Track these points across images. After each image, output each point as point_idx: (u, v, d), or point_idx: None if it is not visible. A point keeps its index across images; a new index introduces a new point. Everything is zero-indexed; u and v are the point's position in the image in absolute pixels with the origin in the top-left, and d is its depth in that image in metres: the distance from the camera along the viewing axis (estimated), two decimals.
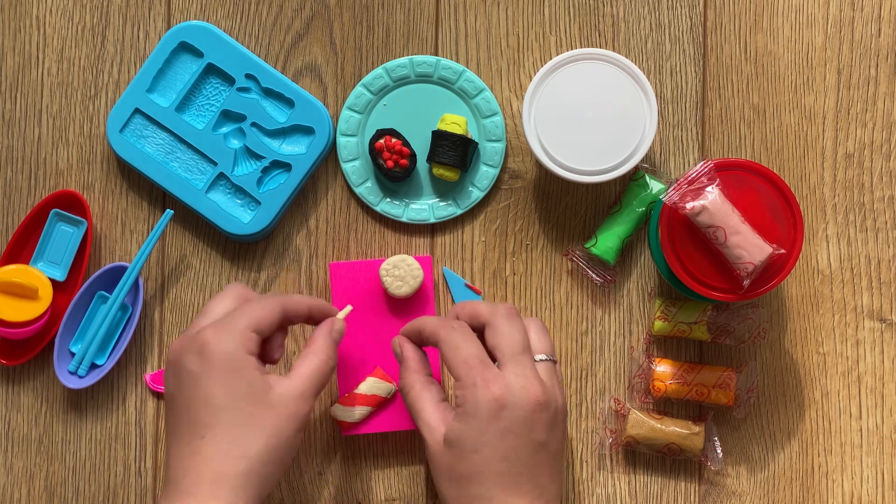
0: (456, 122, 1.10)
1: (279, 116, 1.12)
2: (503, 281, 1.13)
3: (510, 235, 1.13)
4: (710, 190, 1.02)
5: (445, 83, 1.13)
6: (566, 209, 1.13)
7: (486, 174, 1.12)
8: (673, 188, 1.03)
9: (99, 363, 1.12)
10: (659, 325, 1.10)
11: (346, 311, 1.04)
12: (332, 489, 1.13)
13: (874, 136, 1.13)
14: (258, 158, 1.12)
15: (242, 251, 1.14)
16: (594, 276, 1.12)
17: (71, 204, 1.12)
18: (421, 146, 1.12)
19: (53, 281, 1.11)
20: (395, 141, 1.10)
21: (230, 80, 1.12)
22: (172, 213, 1.11)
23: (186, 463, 0.94)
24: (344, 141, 1.13)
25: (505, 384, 0.95)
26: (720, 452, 1.10)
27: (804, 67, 1.13)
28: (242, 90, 1.12)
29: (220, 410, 0.93)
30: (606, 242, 1.10)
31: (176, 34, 1.12)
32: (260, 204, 1.11)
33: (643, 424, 1.09)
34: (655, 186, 1.10)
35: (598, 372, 1.12)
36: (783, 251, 1.02)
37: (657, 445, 1.09)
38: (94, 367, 1.12)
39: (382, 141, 1.10)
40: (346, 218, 1.14)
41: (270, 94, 1.12)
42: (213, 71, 1.12)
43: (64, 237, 1.12)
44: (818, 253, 1.12)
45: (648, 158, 1.12)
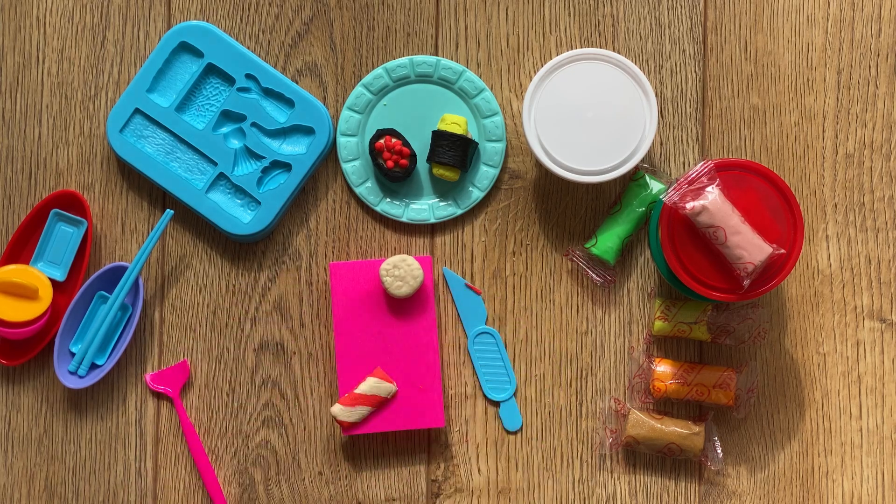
0: (456, 122, 1.10)
1: (279, 116, 1.12)
2: (503, 281, 1.13)
3: (510, 235, 1.13)
4: (710, 190, 1.02)
5: (445, 83, 1.13)
6: (566, 209, 1.13)
7: (486, 174, 1.12)
8: (673, 188, 1.03)
9: (99, 363, 1.12)
10: (659, 325, 1.10)
11: (387, 389, 1.09)
12: (332, 489, 1.13)
13: (874, 136, 1.13)
14: (258, 158, 1.12)
15: (242, 251, 1.14)
16: (594, 276, 1.12)
17: (71, 204, 1.12)
18: (421, 146, 1.12)
19: (53, 281, 1.11)
20: (395, 141, 1.10)
21: (230, 80, 1.12)
22: (172, 213, 1.11)
23: None
24: (344, 141, 1.13)
25: None
26: (720, 452, 1.10)
27: (804, 67, 1.13)
28: (242, 90, 1.12)
29: None
30: (606, 242, 1.10)
31: (176, 34, 1.12)
32: (260, 204, 1.11)
33: (643, 424, 1.09)
34: (655, 186, 1.10)
35: (598, 372, 1.12)
36: (783, 251, 1.02)
37: (657, 445, 1.09)
38: (94, 367, 1.12)
39: (382, 141, 1.10)
40: (346, 218, 1.14)
41: (270, 94, 1.12)
42: (213, 71, 1.12)
43: (64, 237, 1.12)
44: (818, 253, 1.12)
45: (648, 158, 1.12)
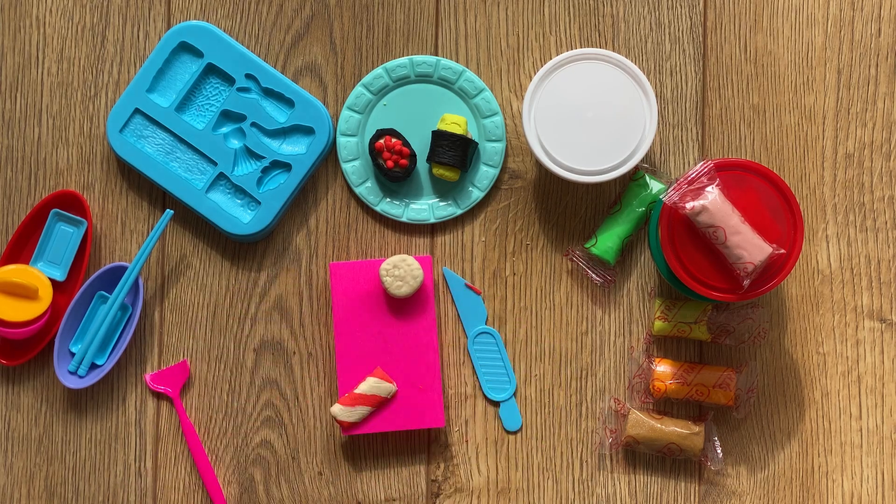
0: (456, 122, 1.10)
1: (279, 116, 1.12)
2: (503, 281, 1.13)
3: (510, 235, 1.13)
4: (710, 190, 1.02)
5: (445, 83, 1.13)
6: (566, 209, 1.13)
7: (486, 174, 1.12)
8: (673, 188, 1.03)
9: (99, 363, 1.12)
10: (659, 325, 1.10)
11: (387, 389, 1.09)
12: (332, 489, 1.13)
13: (874, 136, 1.13)
14: (258, 158, 1.12)
15: (242, 251, 1.14)
16: (594, 276, 1.12)
17: (71, 204, 1.12)
18: (421, 146, 1.12)
19: (53, 281, 1.11)
20: (395, 141, 1.10)
21: (230, 80, 1.12)
22: (172, 213, 1.11)
23: None
24: (344, 141, 1.13)
25: None
26: (720, 452, 1.10)
27: (804, 67, 1.13)
28: (242, 90, 1.12)
29: None
30: (606, 242, 1.10)
31: (176, 34, 1.12)
32: (260, 204, 1.11)
33: (643, 424, 1.09)
34: (655, 186, 1.10)
35: (598, 372, 1.12)
36: (783, 251, 1.02)
37: (657, 445, 1.09)
38: (94, 367, 1.12)
39: (382, 141, 1.10)
40: (346, 218, 1.14)
41: (270, 94, 1.12)
42: (213, 71, 1.12)
43: (64, 237, 1.12)
44: (818, 253, 1.12)
45: (648, 158, 1.12)
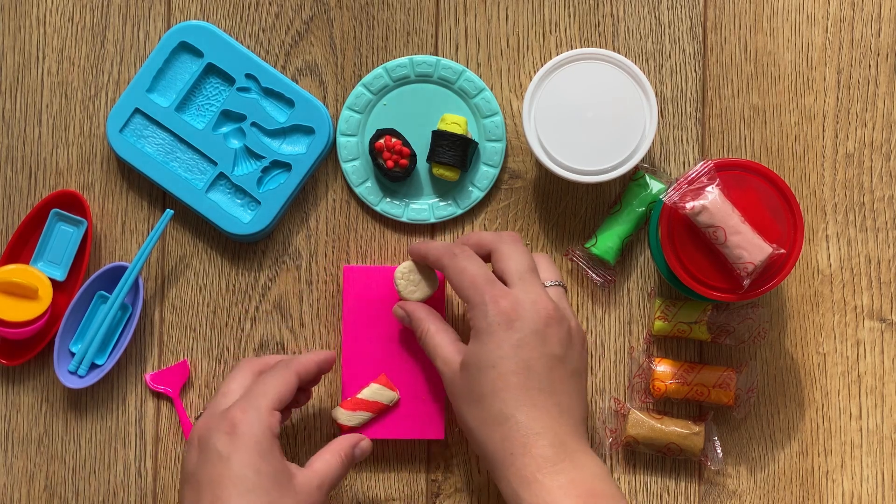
0: (456, 122, 1.10)
1: (279, 116, 1.12)
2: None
3: None
4: (710, 190, 1.02)
5: (445, 83, 1.13)
6: (566, 209, 1.13)
7: (486, 174, 1.12)
8: (673, 188, 1.03)
9: (99, 363, 1.12)
10: (659, 325, 1.10)
11: (389, 397, 1.09)
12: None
13: (874, 135, 1.13)
14: (258, 158, 1.12)
15: (242, 251, 1.14)
16: (594, 276, 1.12)
17: (71, 204, 1.12)
18: (421, 146, 1.12)
19: (53, 281, 1.11)
20: (395, 141, 1.10)
21: (230, 79, 1.12)
22: (172, 213, 1.11)
23: None
24: (344, 141, 1.13)
25: (514, 299, 0.97)
26: (720, 452, 1.10)
27: (804, 67, 1.13)
28: (242, 90, 1.12)
29: (248, 492, 0.94)
30: (606, 242, 1.10)
31: (176, 34, 1.12)
32: (260, 204, 1.11)
33: (643, 424, 1.09)
34: (655, 186, 1.10)
35: (598, 372, 1.12)
36: (783, 251, 1.02)
37: (657, 445, 1.09)
38: (94, 366, 1.12)
39: (382, 141, 1.10)
40: (346, 218, 1.14)
41: (270, 93, 1.12)
42: (213, 71, 1.12)
43: (64, 237, 1.12)
44: (818, 253, 1.12)
45: (648, 158, 1.12)
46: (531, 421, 0.95)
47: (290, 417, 1.07)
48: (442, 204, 1.13)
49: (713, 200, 1.01)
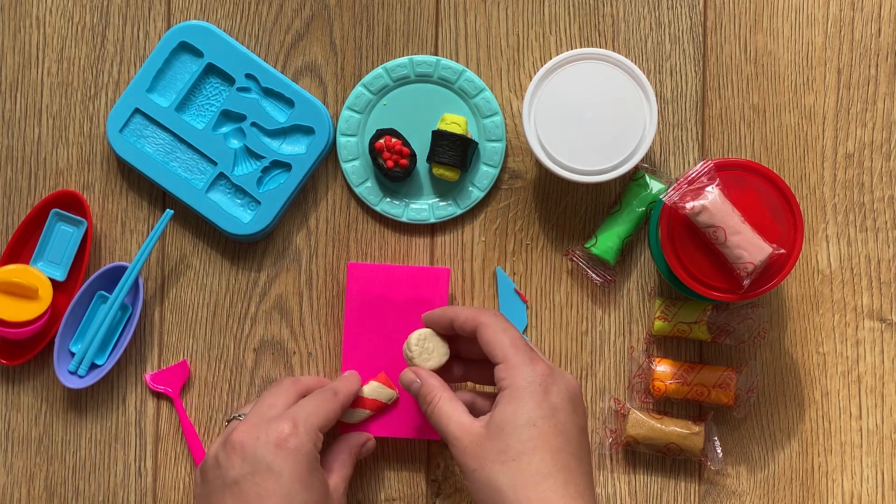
0: (456, 122, 1.10)
1: (279, 116, 1.12)
2: None
3: (510, 235, 1.13)
4: (710, 190, 1.02)
5: (445, 83, 1.13)
6: (566, 209, 1.13)
7: (486, 174, 1.12)
8: (673, 188, 1.03)
9: (99, 363, 1.12)
10: (659, 325, 1.10)
11: (388, 395, 1.10)
12: None
13: (874, 135, 1.13)
14: (258, 158, 1.12)
15: (242, 251, 1.14)
16: (594, 276, 1.12)
17: (71, 204, 1.12)
18: (421, 146, 1.12)
19: (53, 281, 1.11)
20: (395, 141, 1.10)
21: (230, 79, 1.12)
22: (172, 213, 1.11)
23: None
24: (344, 141, 1.13)
25: (548, 366, 0.98)
26: (720, 452, 1.10)
27: (804, 67, 1.13)
28: (242, 90, 1.12)
29: None
30: (606, 242, 1.10)
31: (176, 34, 1.12)
32: (260, 204, 1.11)
33: (643, 424, 1.09)
34: (655, 186, 1.10)
35: (598, 372, 1.12)
36: (783, 251, 1.02)
37: (657, 445, 1.09)
38: (94, 367, 1.12)
39: (382, 141, 1.10)
40: (346, 218, 1.14)
41: (270, 93, 1.12)
42: (213, 71, 1.12)
43: (64, 237, 1.12)
44: (818, 253, 1.12)
45: (648, 158, 1.12)
46: (567, 485, 0.94)
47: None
48: (442, 204, 1.13)
49: (713, 200, 1.01)
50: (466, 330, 1.01)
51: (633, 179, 1.11)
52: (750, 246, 1.01)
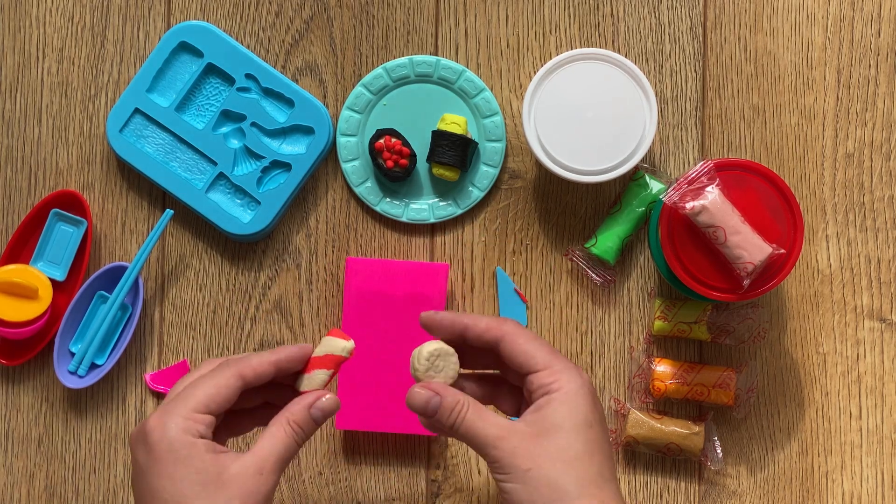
0: (456, 122, 1.10)
1: (279, 116, 1.12)
2: None
3: (510, 235, 1.13)
4: (710, 190, 1.02)
5: (445, 83, 1.13)
6: (566, 209, 1.13)
7: (486, 174, 1.12)
8: (673, 188, 1.03)
9: (99, 363, 1.12)
10: (659, 325, 1.10)
11: (341, 346, 0.94)
12: (331, 489, 1.13)
13: (874, 135, 1.13)
14: (258, 158, 1.12)
15: (242, 251, 1.14)
16: (594, 276, 1.12)
17: (71, 204, 1.12)
18: (421, 146, 1.12)
19: (53, 281, 1.11)
20: (395, 141, 1.10)
21: (230, 80, 1.12)
22: (172, 213, 1.11)
23: None
24: (344, 141, 1.13)
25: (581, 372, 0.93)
26: (720, 452, 1.10)
27: (804, 67, 1.13)
28: (242, 90, 1.12)
29: (168, 503, 0.87)
30: (606, 242, 1.10)
31: (176, 34, 1.12)
32: (260, 204, 1.11)
33: (643, 424, 1.09)
34: (655, 186, 1.10)
35: (598, 372, 1.12)
36: (783, 251, 1.02)
37: (657, 445, 1.09)
38: (94, 366, 1.12)
39: (382, 141, 1.10)
40: (346, 218, 1.14)
41: (270, 93, 1.12)
42: (213, 71, 1.12)
43: (64, 237, 1.12)
44: (818, 253, 1.12)
45: (648, 158, 1.12)
46: (616, 495, 0.91)
47: (250, 429, 0.96)
48: (442, 204, 1.13)
49: (713, 200, 1.01)
50: (485, 340, 0.92)
51: (633, 179, 1.11)
52: (750, 246, 1.01)
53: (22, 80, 1.14)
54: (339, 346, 0.93)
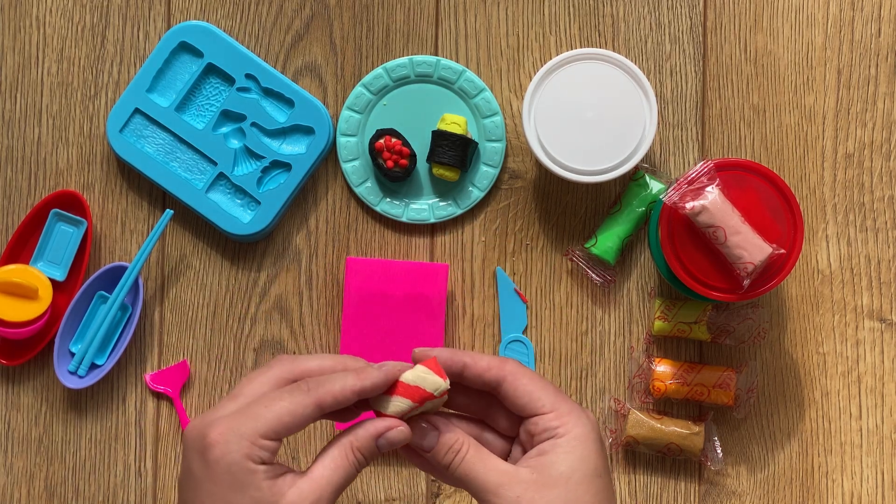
0: (456, 122, 1.10)
1: (279, 116, 1.12)
2: None
3: (510, 235, 1.13)
4: (710, 190, 1.02)
5: (445, 83, 1.13)
6: (566, 209, 1.13)
7: (486, 174, 1.12)
8: (673, 188, 1.03)
9: (99, 363, 1.12)
10: (659, 325, 1.10)
11: (433, 384, 0.84)
12: None
13: (874, 135, 1.13)
14: (258, 158, 1.12)
15: (242, 251, 1.14)
16: (594, 276, 1.12)
17: (71, 204, 1.12)
18: (421, 146, 1.12)
19: (53, 281, 1.11)
20: (395, 141, 1.10)
21: (230, 80, 1.12)
22: (172, 213, 1.11)
23: None
24: (344, 141, 1.13)
25: (587, 410, 0.88)
26: (720, 452, 1.10)
27: (804, 67, 1.13)
28: (242, 90, 1.12)
29: None
30: (606, 242, 1.10)
31: (176, 34, 1.12)
32: (260, 204, 1.11)
33: (643, 424, 1.09)
34: (655, 186, 1.10)
35: (598, 372, 1.12)
36: (783, 251, 1.02)
37: (657, 445, 1.09)
38: (94, 367, 1.12)
39: (382, 141, 1.10)
40: (346, 218, 1.14)
41: (270, 94, 1.12)
42: (213, 71, 1.12)
43: (64, 237, 1.12)
44: (818, 253, 1.12)
45: (648, 158, 1.12)
46: None
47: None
48: (442, 204, 1.13)
49: (713, 200, 1.01)
50: (485, 380, 0.84)
51: (633, 179, 1.11)
52: (750, 246, 1.01)
53: (22, 80, 1.14)
54: (431, 382, 0.84)
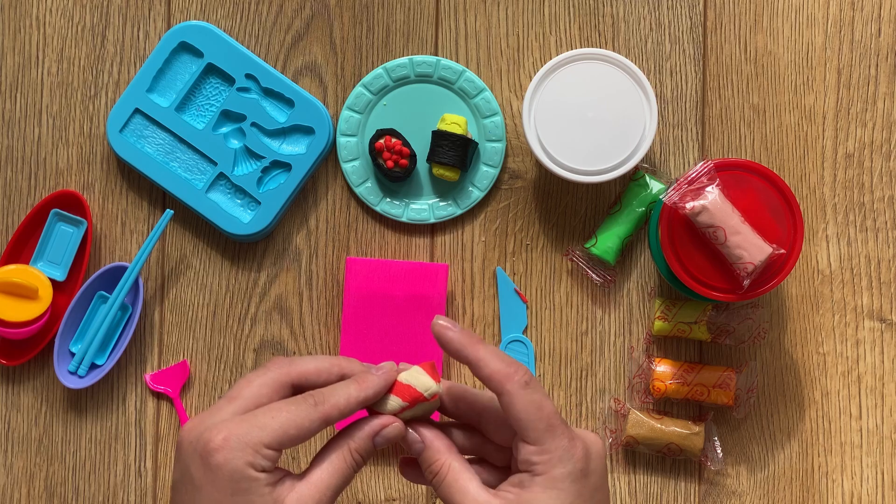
0: (456, 122, 1.10)
1: (279, 116, 1.12)
2: None
3: (510, 235, 1.13)
4: (710, 190, 1.02)
5: (445, 83, 1.13)
6: (566, 209, 1.13)
7: (486, 174, 1.12)
8: (673, 188, 1.03)
9: (99, 363, 1.12)
10: (659, 325, 1.10)
11: (425, 384, 0.83)
12: None
13: (874, 135, 1.13)
14: (258, 158, 1.12)
15: (242, 251, 1.14)
16: (594, 276, 1.12)
17: (71, 204, 1.12)
18: (421, 146, 1.12)
19: (53, 281, 1.11)
20: (395, 141, 1.10)
21: (230, 80, 1.12)
22: (172, 213, 1.11)
23: None
24: (344, 141, 1.13)
25: (583, 443, 0.85)
26: (720, 452, 1.10)
27: (804, 67, 1.13)
28: (242, 90, 1.12)
29: None
30: (606, 242, 1.10)
31: (176, 34, 1.12)
32: (260, 204, 1.11)
33: (643, 424, 1.09)
34: (655, 186, 1.10)
35: (598, 372, 1.12)
36: (783, 251, 1.02)
37: (657, 445, 1.09)
38: (94, 367, 1.12)
39: (382, 141, 1.10)
40: (346, 218, 1.14)
41: (270, 94, 1.12)
42: (213, 71, 1.12)
43: (64, 237, 1.12)
44: (818, 253, 1.12)
45: (648, 158, 1.12)
46: None
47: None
48: (442, 204, 1.13)
49: (713, 200, 1.01)
50: (487, 385, 0.83)
51: (633, 179, 1.11)
52: (750, 246, 1.01)
53: (22, 80, 1.14)
54: (423, 383, 0.84)
